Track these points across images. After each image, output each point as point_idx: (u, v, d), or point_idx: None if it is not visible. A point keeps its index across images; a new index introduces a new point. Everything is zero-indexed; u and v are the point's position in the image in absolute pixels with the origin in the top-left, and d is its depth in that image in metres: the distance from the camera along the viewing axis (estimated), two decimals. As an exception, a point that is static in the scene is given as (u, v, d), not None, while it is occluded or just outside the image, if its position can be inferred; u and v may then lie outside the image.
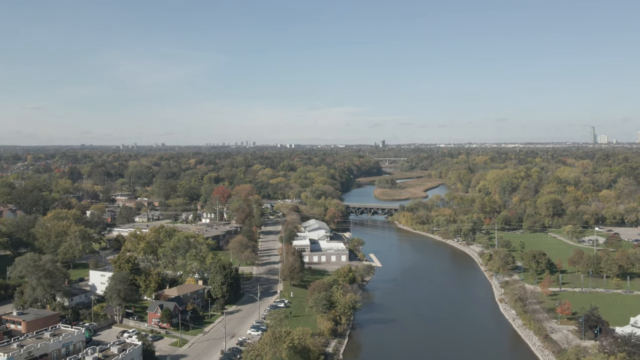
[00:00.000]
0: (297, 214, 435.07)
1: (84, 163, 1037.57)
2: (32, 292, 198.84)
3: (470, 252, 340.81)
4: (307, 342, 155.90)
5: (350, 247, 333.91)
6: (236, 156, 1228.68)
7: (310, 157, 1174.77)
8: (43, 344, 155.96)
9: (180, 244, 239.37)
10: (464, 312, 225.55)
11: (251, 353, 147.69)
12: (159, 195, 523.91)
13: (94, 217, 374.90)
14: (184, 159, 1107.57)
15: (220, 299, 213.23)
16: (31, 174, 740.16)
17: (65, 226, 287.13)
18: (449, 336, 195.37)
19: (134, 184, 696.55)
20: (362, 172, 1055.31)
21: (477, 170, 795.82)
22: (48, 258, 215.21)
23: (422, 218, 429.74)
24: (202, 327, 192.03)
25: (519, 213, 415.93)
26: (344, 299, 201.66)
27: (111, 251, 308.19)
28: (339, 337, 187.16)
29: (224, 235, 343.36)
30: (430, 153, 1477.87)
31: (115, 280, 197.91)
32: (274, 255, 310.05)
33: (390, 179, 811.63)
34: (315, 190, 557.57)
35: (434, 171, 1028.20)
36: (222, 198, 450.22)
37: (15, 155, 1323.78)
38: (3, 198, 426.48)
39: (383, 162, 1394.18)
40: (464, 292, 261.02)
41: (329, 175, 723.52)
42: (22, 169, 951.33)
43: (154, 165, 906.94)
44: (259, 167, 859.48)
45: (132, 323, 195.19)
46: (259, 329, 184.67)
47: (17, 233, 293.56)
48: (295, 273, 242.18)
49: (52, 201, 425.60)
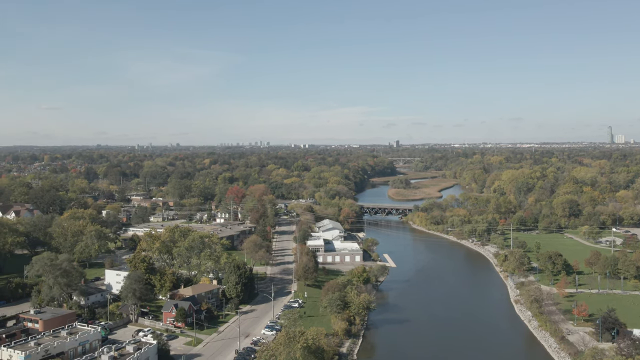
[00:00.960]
0: (311, 214, 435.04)
1: (100, 163, 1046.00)
2: (49, 291, 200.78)
3: (485, 252, 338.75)
4: (321, 342, 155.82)
5: (364, 247, 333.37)
6: (250, 156, 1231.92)
7: (324, 157, 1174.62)
8: (60, 343, 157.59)
9: (195, 244, 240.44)
10: (478, 313, 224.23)
11: (265, 353, 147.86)
12: (173, 195, 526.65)
13: (110, 216, 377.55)
14: (198, 159, 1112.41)
15: (235, 299, 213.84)
16: (48, 174, 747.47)
17: (81, 226, 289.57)
18: (463, 337, 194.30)
19: (149, 183, 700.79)
20: (376, 172, 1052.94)
21: (492, 171, 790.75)
22: (64, 257, 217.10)
23: (437, 218, 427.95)
24: (216, 326, 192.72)
25: (534, 213, 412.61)
26: (358, 299, 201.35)
27: (126, 251, 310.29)
28: (353, 338, 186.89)
29: (238, 235, 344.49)
30: (445, 153, 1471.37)
31: (130, 280, 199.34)
32: (288, 255, 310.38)
33: (404, 179, 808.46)
34: (329, 190, 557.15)
35: (449, 171, 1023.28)
36: (236, 198, 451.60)
37: (32, 156, 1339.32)
38: (20, 198, 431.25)
39: (397, 162, 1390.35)
40: (478, 292, 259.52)
41: (343, 175, 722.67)
42: (39, 169, 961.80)
43: (168, 165, 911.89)
44: (273, 167, 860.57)
45: (147, 322, 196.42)
46: (273, 328, 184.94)
47: (35, 232, 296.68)
48: (309, 273, 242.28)
49: (69, 201, 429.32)
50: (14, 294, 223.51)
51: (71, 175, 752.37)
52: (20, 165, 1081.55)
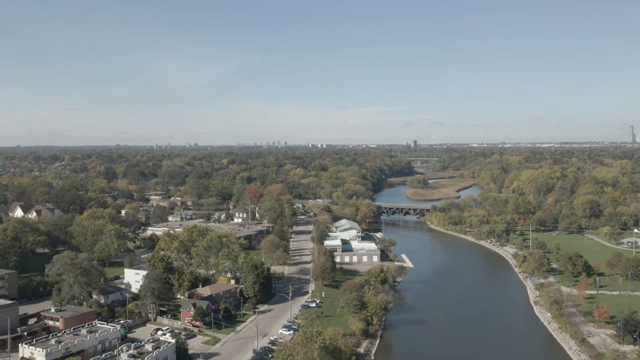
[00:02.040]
0: (328, 214, 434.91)
1: (119, 163, 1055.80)
2: (69, 289, 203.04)
3: (503, 253, 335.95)
4: (339, 342, 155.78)
5: (382, 247, 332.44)
6: (268, 156, 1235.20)
7: (341, 157, 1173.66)
8: (80, 341, 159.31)
9: (213, 243, 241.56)
10: (497, 313, 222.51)
11: (283, 352, 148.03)
12: (192, 195, 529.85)
13: (129, 216, 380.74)
14: (216, 158, 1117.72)
15: (252, 298, 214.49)
16: (68, 174, 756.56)
17: (101, 225, 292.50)
18: (482, 338, 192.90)
19: (168, 183, 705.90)
20: (393, 172, 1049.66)
21: (510, 170, 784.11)
22: (85, 256, 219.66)
23: (455, 218, 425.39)
24: (234, 326, 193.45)
25: (554, 214, 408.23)
26: (375, 300, 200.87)
27: (145, 250, 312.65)
28: (371, 338, 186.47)
29: (256, 234, 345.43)
30: (463, 153, 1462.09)
31: (149, 279, 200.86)
32: (305, 255, 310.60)
33: (422, 179, 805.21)
34: (346, 190, 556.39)
35: (467, 171, 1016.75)
36: (254, 198, 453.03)
37: (53, 155, 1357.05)
38: (42, 197, 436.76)
39: (415, 162, 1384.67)
40: (497, 293, 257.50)
41: (360, 175, 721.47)
42: (59, 168, 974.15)
43: (187, 165, 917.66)
44: (291, 167, 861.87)
45: (166, 321, 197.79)
46: (290, 328, 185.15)
47: (55, 231, 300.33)
48: (326, 273, 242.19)
49: (89, 200, 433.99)
50: (36, 292, 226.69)
51: (91, 175, 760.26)
52: (42, 165, 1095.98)
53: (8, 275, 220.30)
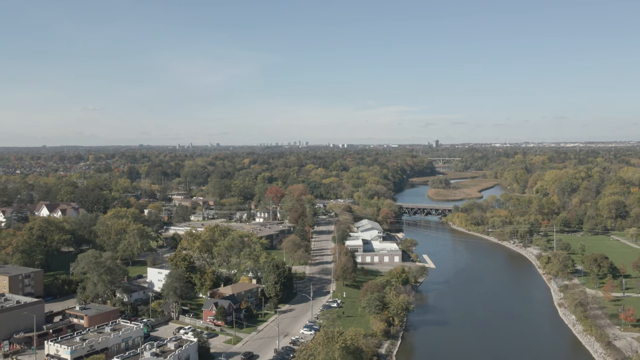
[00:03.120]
0: (349, 214, 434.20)
1: (142, 163, 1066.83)
2: (93, 287, 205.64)
3: (527, 254, 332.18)
4: (360, 342, 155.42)
5: (403, 247, 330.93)
6: (289, 156, 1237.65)
7: (362, 157, 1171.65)
8: (104, 339, 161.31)
9: (235, 243, 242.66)
10: (520, 315, 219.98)
11: (304, 352, 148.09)
12: (213, 195, 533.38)
13: (152, 215, 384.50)
14: (238, 158, 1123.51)
15: (274, 298, 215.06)
16: (92, 174, 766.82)
17: (124, 224, 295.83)
18: (504, 340, 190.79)
19: (190, 183, 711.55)
20: (415, 172, 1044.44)
21: (534, 171, 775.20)
22: (108, 255, 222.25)
23: (477, 219, 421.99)
24: (255, 325, 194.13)
25: (579, 215, 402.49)
26: (396, 300, 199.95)
27: (168, 249, 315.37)
28: (392, 339, 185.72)
29: (277, 234, 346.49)
30: (485, 153, 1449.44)
31: (171, 278, 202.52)
32: (326, 255, 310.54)
33: (443, 179, 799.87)
34: (367, 190, 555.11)
35: (489, 171, 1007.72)
36: (275, 197, 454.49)
37: (78, 155, 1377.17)
38: (67, 197, 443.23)
39: (436, 162, 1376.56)
40: (520, 295, 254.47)
41: (381, 175, 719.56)
42: (84, 168, 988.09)
43: (209, 165, 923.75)
44: (312, 167, 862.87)
45: (188, 320, 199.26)
46: (311, 328, 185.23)
47: (80, 230, 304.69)
48: (348, 273, 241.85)
49: (112, 200, 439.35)
50: (61, 290, 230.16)
51: (114, 174, 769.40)
52: (67, 164, 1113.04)
53: (34, 273, 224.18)
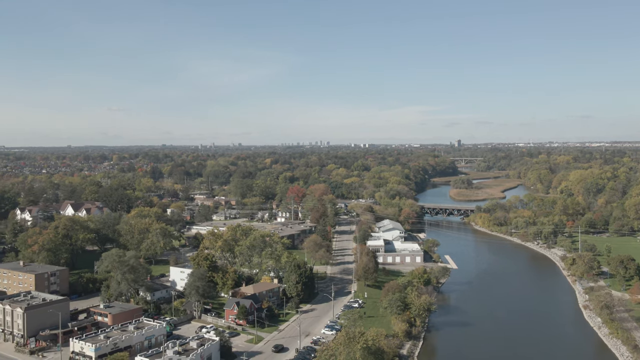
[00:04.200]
0: (371, 214, 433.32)
1: (165, 163, 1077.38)
2: (117, 286, 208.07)
3: (551, 255, 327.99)
4: (381, 343, 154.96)
5: (425, 248, 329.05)
6: (310, 156, 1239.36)
7: (384, 157, 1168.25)
8: (127, 337, 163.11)
9: (256, 243, 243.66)
10: (544, 317, 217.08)
11: (325, 352, 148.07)
12: (235, 194, 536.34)
13: (174, 215, 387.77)
14: (259, 158, 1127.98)
15: (295, 298, 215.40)
16: (116, 173, 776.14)
17: (147, 224, 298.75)
18: (528, 342, 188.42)
19: (212, 183, 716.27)
20: (437, 172, 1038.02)
21: (558, 171, 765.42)
22: (132, 254, 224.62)
23: (500, 219, 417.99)
24: (277, 325, 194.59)
25: (604, 216, 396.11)
26: (418, 301, 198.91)
27: (190, 248, 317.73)
28: (414, 339, 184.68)
29: (298, 234, 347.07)
30: (508, 152, 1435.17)
31: (194, 277, 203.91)
32: (348, 255, 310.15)
33: (466, 179, 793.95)
34: (389, 190, 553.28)
35: (512, 171, 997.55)
36: (296, 197, 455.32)
37: (102, 155, 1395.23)
38: (91, 196, 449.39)
39: (459, 162, 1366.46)
40: (544, 297, 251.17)
41: (403, 175, 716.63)
42: (108, 168, 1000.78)
43: (231, 165, 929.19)
44: (333, 167, 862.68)
45: (210, 319, 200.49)
46: (333, 328, 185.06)
47: (104, 229, 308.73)
48: (369, 273, 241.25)
49: (136, 199, 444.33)
50: (85, 288, 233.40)
51: (138, 174, 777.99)
52: (91, 164, 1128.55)
53: (59, 271, 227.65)
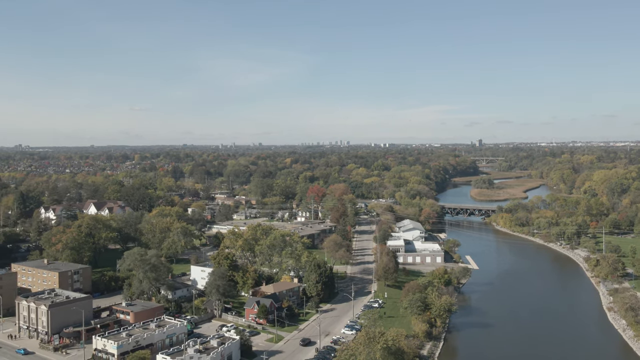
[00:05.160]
0: (391, 214, 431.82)
1: (186, 162, 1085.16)
2: (139, 284, 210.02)
3: (574, 256, 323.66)
4: (402, 343, 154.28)
5: (446, 248, 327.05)
6: (330, 155, 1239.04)
7: (404, 157, 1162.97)
8: (149, 334, 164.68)
9: (277, 242, 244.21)
10: (567, 319, 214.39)
11: (345, 352, 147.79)
12: (256, 194, 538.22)
13: (195, 214, 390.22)
14: (280, 158, 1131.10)
15: (315, 297, 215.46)
16: (138, 173, 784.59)
17: (168, 223, 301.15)
18: (550, 344, 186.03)
19: (233, 182, 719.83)
20: (457, 171, 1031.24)
21: (582, 170, 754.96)
22: (153, 253, 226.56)
23: (522, 220, 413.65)
24: (297, 324, 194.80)
25: (629, 216, 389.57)
26: (439, 301, 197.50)
27: (211, 247, 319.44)
28: (434, 340, 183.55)
29: (318, 234, 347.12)
30: (531, 152, 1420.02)
31: (214, 276, 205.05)
32: (368, 255, 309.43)
33: (487, 179, 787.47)
34: (409, 190, 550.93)
35: (535, 171, 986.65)
36: (316, 197, 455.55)
37: (124, 155, 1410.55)
38: (113, 195, 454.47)
39: (480, 161, 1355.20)
40: (567, 298, 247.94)
41: (423, 175, 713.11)
42: (130, 167, 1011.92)
43: (251, 165, 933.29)
44: (353, 167, 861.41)
45: (231, 318, 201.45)
46: (353, 328, 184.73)
47: (126, 228, 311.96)
48: (389, 273, 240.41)
49: (157, 198, 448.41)
50: (108, 286, 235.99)
51: (159, 173, 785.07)
52: (113, 164, 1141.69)
53: (82, 269, 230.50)
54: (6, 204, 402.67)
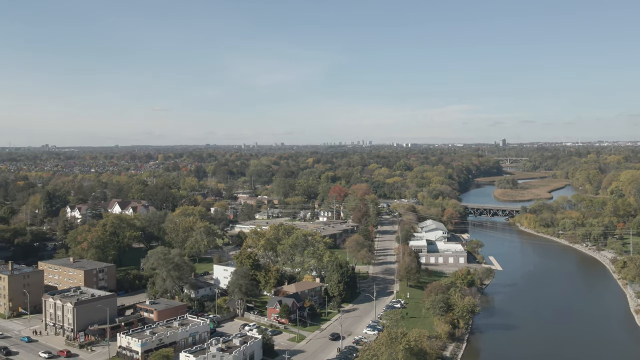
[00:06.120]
0: (413, 214, 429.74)
1: (209, 162, 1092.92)
2: (162, 283, 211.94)
3: (600, 258, 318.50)
4: (424, 344, 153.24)
5: (469, 248, 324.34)
6: (352, 155, 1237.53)
7: (427, 157, 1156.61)
8: (172, 333, 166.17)
9: (299, 242, 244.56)
10: (593, 321, 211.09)
11: (367, 352, 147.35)
12: (278, 194, 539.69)
13: (218, 213, 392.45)
14: (302, 158, 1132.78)
15: (337, 297, 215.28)
16: (162, 172, 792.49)
17: (191, 222, 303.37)
18: (576, 347, 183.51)
19: (255, 182, 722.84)
20: (481, 172, 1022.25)
21: (608, 171, 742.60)
22: (176, 252, 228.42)
23: (547, 220, 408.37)
24: (319, 324, 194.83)
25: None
26: (462, 302, 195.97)
27: (233, 247, 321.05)
28: (457, 341, 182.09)
29: (340, 233, 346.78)
30: (555, 152, 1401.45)
31: (237, 275, 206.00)
32: (390, 255, 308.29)
33: (511, 179, 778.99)
34: (432, 190, 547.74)
35: (560, 171, 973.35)
36: (338, 197, 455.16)
37: (147, 155, 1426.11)
38: (137, 195, 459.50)
39: (503, 161, 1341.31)
40: (593, 300, 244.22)
41: (446, 175, 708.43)
42: (153, 167, 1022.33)
43: (273, 164, 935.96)
44: (375, 167, 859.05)
45: (253, 317, 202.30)
46: (375, 328, 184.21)
47: (149, 227, 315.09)
48: (411, 274, 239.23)
49: (180, 198, 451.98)
50: (132, 285, 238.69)
51: (182, 173, 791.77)
52: (137, 164, 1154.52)
53: (107, 268, 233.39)
54: (33, 203, 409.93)
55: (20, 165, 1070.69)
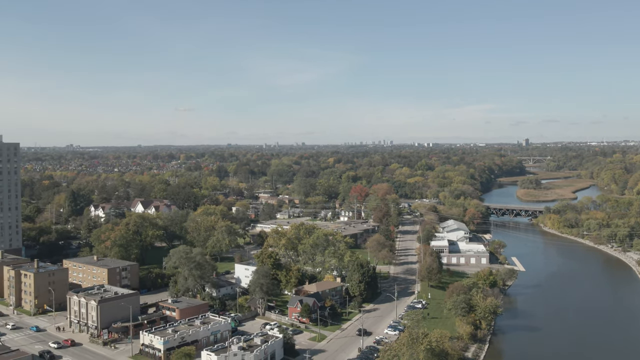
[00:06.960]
0: (434, 214, 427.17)
1: (230, 162, 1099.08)
2: (184, 282, 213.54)
3: (626, 259, 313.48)
4: (445, 345, 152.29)
5: (491, 249, 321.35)
6: (373, 155, 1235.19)
7: (448, 156, 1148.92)
8: (194, 331, 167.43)
9: (320, 241, 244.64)
10: (618, 323, 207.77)
11: (388, 353, 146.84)
12: (299, 193, 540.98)
13: (239, 213, 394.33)
14: (323, 157, 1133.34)
15: (358, 297, 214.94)
16: (184, 172, 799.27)
17: (213, 221, 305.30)
18: (600, 349, 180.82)
19: (276, 182, 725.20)
20: (503, 171, 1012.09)
21: (634, 170, 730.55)
22: (198, 251, 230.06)
23: (571, 221, 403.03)
24: (339, 323, 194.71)
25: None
26: (484, 303, 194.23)
27: (254, 246, 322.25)
28: (479, 343, 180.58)
29: (361, 233, 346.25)
30: (580, 152, 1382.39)
31: (258, 275, 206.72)
32: (411, 255, 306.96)
33: (534, 179, 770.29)
34: (453, 190, 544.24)
35: (584, 171, 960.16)
36: (359, 197, 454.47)
37: (170, 154, 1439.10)
38: (160, 194, 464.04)
39: (526, 161, 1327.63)
40: (619, 303, 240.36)
41: (468, 175, 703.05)
42: (175, 167, 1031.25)
43: (294, 164, 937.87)
44: (396, 166, 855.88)
45: (274, 316, 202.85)
46: (396, 328, 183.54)
47: (172, 227, 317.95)
48: (433, 274, 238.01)
49: (202, 197, 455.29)
50: (154, 283, 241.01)
51: (204, 173, 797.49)
52: (160, 163, 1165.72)
53: (130, 266, 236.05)
54: (58, 202, 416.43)
55: (45, 165, 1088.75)
